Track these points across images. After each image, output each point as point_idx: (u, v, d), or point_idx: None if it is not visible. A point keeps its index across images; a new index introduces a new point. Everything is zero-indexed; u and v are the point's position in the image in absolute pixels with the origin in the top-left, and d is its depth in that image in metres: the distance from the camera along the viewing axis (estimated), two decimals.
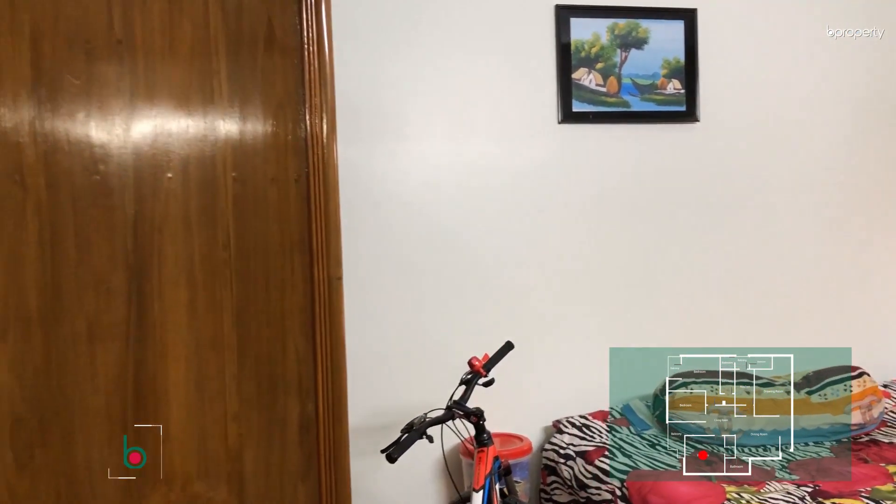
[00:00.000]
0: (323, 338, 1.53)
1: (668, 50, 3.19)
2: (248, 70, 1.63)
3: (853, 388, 2.90)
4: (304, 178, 1.53)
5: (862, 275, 3.44)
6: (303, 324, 1.58)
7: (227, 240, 1.52)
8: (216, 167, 1.66)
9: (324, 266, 1.53)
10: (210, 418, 1.83)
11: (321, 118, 1.49)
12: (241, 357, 1.74)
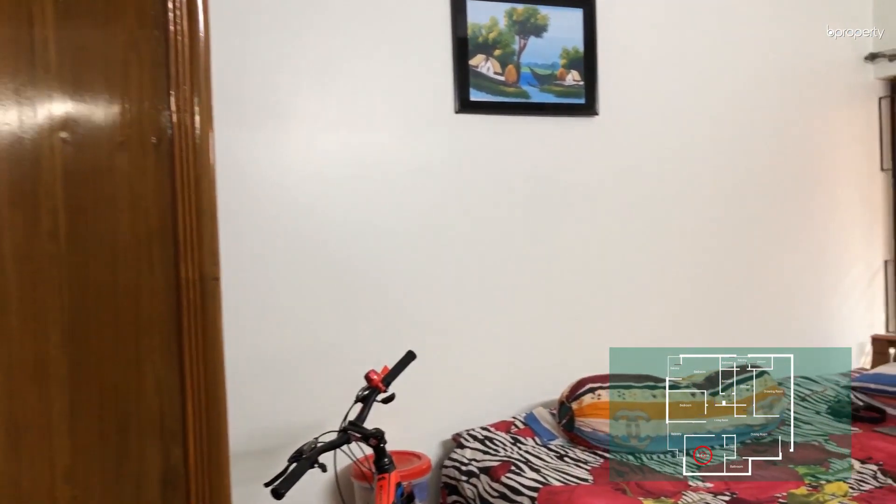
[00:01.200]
0: (194, 359, 1.08)
1: (567, 39, 3.04)
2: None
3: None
4: (167, 142, 1.10)
5: (759, 269, 3.43)
6: (165, 341, 1.09)
7: (54, 227, 1.07)
8: (38, 123, 1.16)
9: (195, 263, 1.08)
10: (28, 478, 1.24)
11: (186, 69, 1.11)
12: (75, 389, 1.21)
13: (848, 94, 3.64)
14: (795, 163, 3.50)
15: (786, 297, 3.49)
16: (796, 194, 3.50)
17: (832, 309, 3.60)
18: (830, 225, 3.59)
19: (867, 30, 3.67)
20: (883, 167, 3.72)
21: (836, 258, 3.61)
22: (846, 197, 3.63)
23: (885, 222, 3.73)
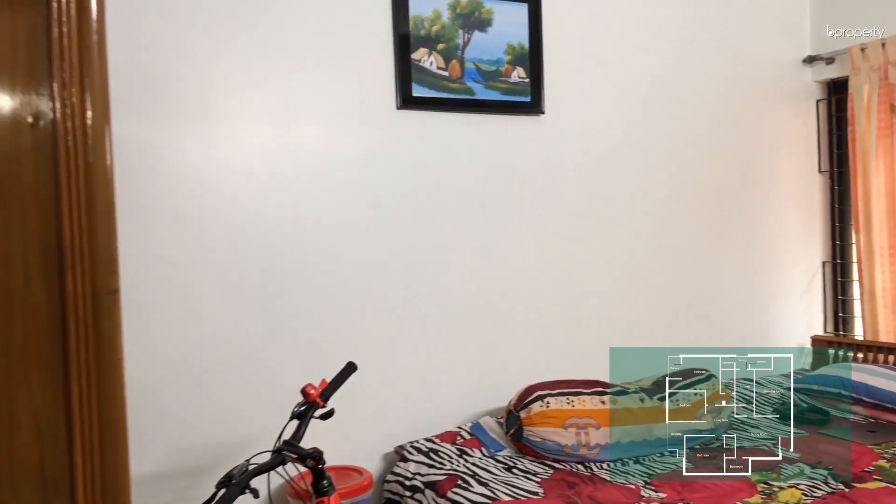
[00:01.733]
0: (84, 390, 0.83)
1: (512, 35, 2.94)
2: None
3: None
4: (48, 125, 0.86)
5: (701, 270, 3.40)
6: (46, 369, 0.81)
7: None
8: None
9: (85, 273, 0.83)
10: None
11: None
12: None
13: (787, 96, 3.66)
14: (737, 164, 3.50)
15: (728, 298, 3.48)
16: (738, 195, 3.50)
17: (773, 310, 3.61)
18: (771, 226, 3.60)
19: (805, 33, 3.71)
20: (820, 169, 3.75)
21: (776, 259, 3.62)
22: (786, 199, 3.65)
23: (822, 224, 3.77)
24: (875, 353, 3.34)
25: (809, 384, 3.16)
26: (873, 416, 2.92)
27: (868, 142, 3.38)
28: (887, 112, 3.32)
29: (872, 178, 3.36)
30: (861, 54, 3.40)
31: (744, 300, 3.52)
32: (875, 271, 3.38)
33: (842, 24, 3.56)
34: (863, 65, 3.39)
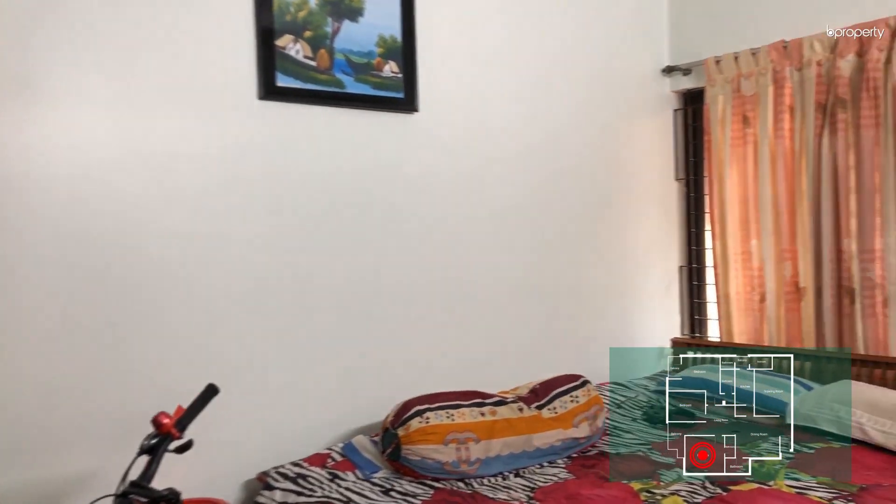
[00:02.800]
0: None
1: (385, 26, 2.77)
2: None
3: (580, 398, 2.76)
4: None
5: (567, 276, 3.39)
6: None
7: None
8: None
9: None
10: None
11: None
12: None
13: (647, 105, 3.74)
14: (600, 171, 3.52)
15: (593, 302, 3.49)
16: (601, 201, 3.52)
17: (636, 313, 3.67)
18: (633, 232, 3.66)
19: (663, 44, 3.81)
20: (677, 177, 3.87)
21: (638, 264, 3.68)
22: (646, 205, 3.73)
23: (679, 230, 3.89)
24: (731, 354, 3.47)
25: (675, 387, 3.21)
26: (735, 415, 3.00)
27: (723, 151, 3.51)
28: (741, 123, 3.46)
29: (727, 187, 3.50)
30: (716, 66, 3.53)
31: (608, 304, 3.55)
32: (730, 275, 3.52)
33: (698, 37, 3.69)
34: (718, 77, 3.53)
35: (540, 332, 3.25)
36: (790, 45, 3.27)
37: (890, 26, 2.94)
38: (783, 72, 3.29)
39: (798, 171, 3.26)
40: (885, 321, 3.00)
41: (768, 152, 3.34)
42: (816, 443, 2.64)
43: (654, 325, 3.75)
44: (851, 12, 3.11)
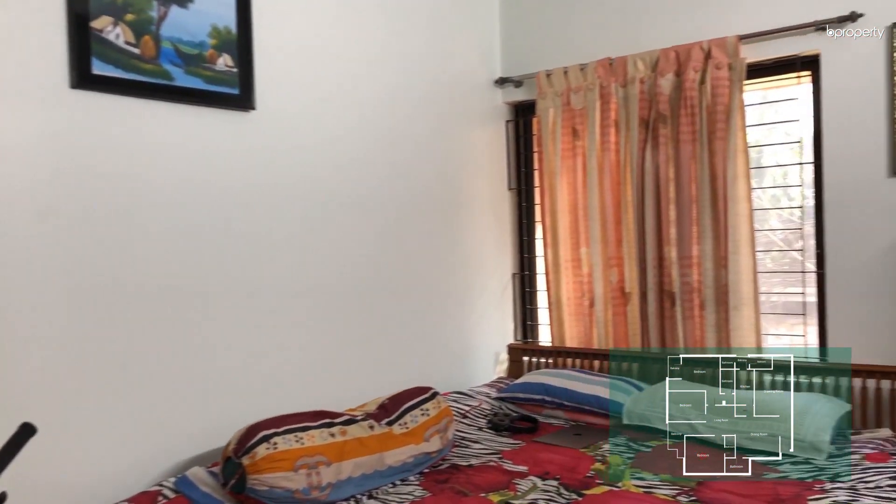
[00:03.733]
0: None
1: (218, 16, 2.54)
2: None
3: (430, 411, 2.68)
4: None
5: (407, 285, 3.31)
6: None
7: None
8: None
9: None
10: None
11: None
12: None
13: (481, 115, 3.78)
14: (437, 180, 3.48)
15: (431, 310, 3.44)
16: (437, 211, 3.48)
17: (474, 320, 3.68)
18: (470, 240, 3.67)
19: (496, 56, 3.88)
20: (510, 186, 3.94)
21: (474, 272, 3.70)
22: (481, 214, 3.76)
23: (512, 238, 3.96)
24: (564, 358, 3.58)
25: (514, 392, 3.25)
26: (574, 419, 3.09)
27: (554, 162, 3.62)
28: (570, 135, 3.59)
29: (558, 196, 3.61)
30: (547, 80, 3.64)
31: (447, 312, 3.53)
32: (561, 282, 3.63)
33: (530, 51, 3.79)
34: (548, 90, 3.64)
35: (379, 343, 3.14)
36: (615, 63, 3.44)
37: (703, 49, 3.18)
38: (609, 88, 3.45)
39: (623, 182, 3.44)
40: (702, 322, 3.23)
41: (596, 164, 3.49)
42: (652, 441, 2.77)
43: (490, 332, 3.79)
44: (671, 34, 3.33)
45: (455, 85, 3.60)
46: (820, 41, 3.00)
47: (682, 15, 3.32)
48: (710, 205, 3.19)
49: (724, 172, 3.12)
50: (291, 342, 2.75)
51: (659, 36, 3.37)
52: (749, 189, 3.11)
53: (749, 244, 3.11)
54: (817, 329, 3.09)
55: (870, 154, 2.91)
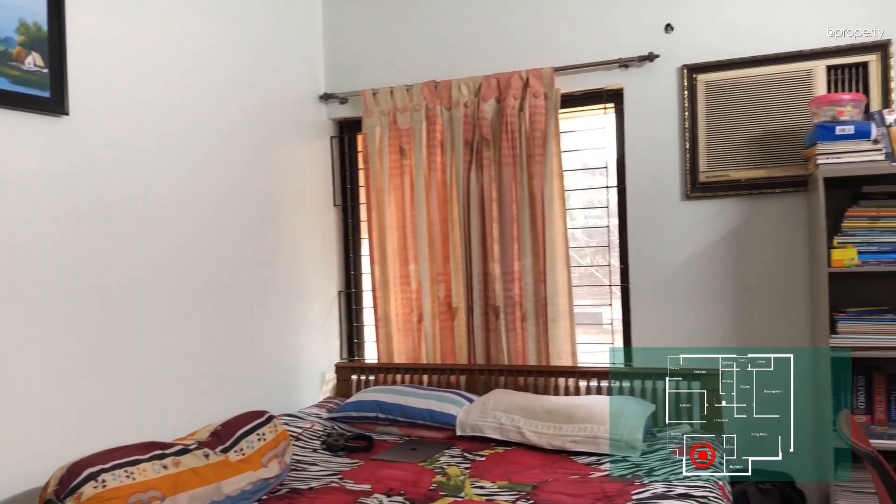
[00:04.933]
0: None
1: (27, 10, 2.29)
2: None
3: (267, 435, 2.58)
4: None
5: (232, 303, 3.17)
6: None
7: None
8: None
9: None
10: None
11: None
12: None
13: (306, 131, 3.73)
14: (263, 196, 3.36)
15: (258, 331, 3.30)
16: (264, 228, 3.36)
17: (301, 340, 3.60)
18: (295, 258, 3.59)
19: (320, 72, 3.86)
20: (335, 203, 3.92)
21: (301, 290, 3.62)
22: (307, 231, 3.69)
23: (337, 256, 3.93)
24: (393, 375, 3.61)
25: (347, 411, 3.22)
26: (408, 434, 3.12)
27: (381, 180, 3.66)
28: (398, 154, 3.65)
29: (386, 214, 3.65)
30: (373, 98, 3.68)
31: (271, 332, 3.41)
32: (389, 299, 3.66)
33: (356, 68, 3.81)
34: (374, 108, 3.68)
35: (202, 367, 2.96)
36: (441, 86, 3.56)
37: (522, 78, 3.39)
38: (435, 109, 3.56)
39: (450, 201, 3.55)
40: (524, 334, 3.42)
41: (424, 183, 3.58)
42: (485, 450, 2.87)
43: (316, 351, 3.72)
44: (493, 62, 3.51)
45: (280, 98, 3.52)
46: (623, 76, 3.33)
47: (503, 44, 3.52)
48: (529, 224, 3.39)
49: (542, 194, 3.34)
50: (108, 369, 2.52)
51: (482, 62, 3.54)
52: (564, 210, 3.35)
53: (564, 261, 3.35)
54: (622, 337, 3.40)
55: (667, 179, 3.26)
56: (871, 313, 2.70)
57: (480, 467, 2.69)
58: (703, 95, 3.18)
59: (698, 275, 3.23)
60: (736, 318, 3.17)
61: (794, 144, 3.03)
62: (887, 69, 2.90)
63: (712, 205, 3.20)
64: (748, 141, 3.11)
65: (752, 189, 3.12)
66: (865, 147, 2.64)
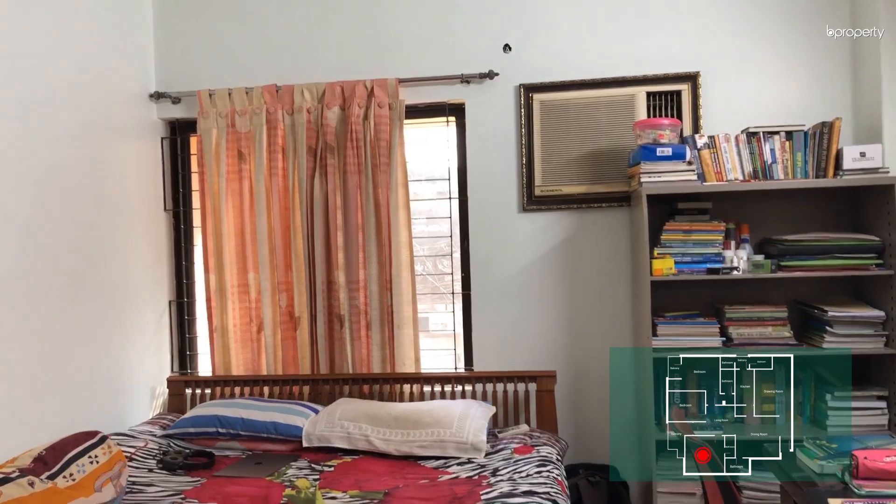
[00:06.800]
0: None
1: None
2: None
3: (100, 457, 2.40)
4: None
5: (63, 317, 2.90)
6: None
7: None
8: None
9: None
10: None
11: None
12: None
13: (134, 131, 3.50)
14: (86, 199, 3.10)
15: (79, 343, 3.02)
16: (87, 234, 3.10)
17: (128, 354, 3.36)
18: (122, 267, 3.34)
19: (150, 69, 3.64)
20: (166, 208, 3.71)
21: (128, 301, 3.38)
22: (135, 237, 3.46)
23: (168, 263, 3.72)
24: (231, 387, 3.47)
25: (185, 427, 3.05)
26: (251, 448, 3.02)
27: (218, 184, 3.52)
28: (236, 158, 3.53)
29: (224, 220, 3.51)
30: (209, 100, 3.53)
31: (97, 345, 3.14)
32: (227, 308, 3.52)
33: (191, 67, 3.64)
34: (211, 110, 3.53)
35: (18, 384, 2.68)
36: (282, 90, 3.49)
37: (367, 87, 3.41)
38: (276, 114, 3.49)
39: (293, 208, 3.49)
40: (369, 343, 3.43)
41: (264, 188, 3.48)
42: (333, 460, 2.85)
43: (146, 365, 3.49)
44: (337, 69, 3.51)
45: (105, 95, 3.26)
46: (465, 91, 3.45)
47: (347, 52, 3.53)
48: (374, 232, 3.42)
49: (387, 202, 3.38)
50: None
51: (326, 69, 3.52)
52: (409, 218, 3.41)
53: (409, 269, 3.41)
54: (463, 340, 3.52)
55: (504, 192, 3.43)
56: (685, 317, 3.01)
57: (330, 478, 2.66)
58: (538, 114, 3.38)
59: (534, 281, 3.42)
60: (568, 322, 3.39)
61: (619, 163, 3.31)
62: (696, 98, 3.25)
63: (546, 217, 3.41)
64: (579, 158, 3.34)
65: (582, 203, 3.36)
66: (681, 168, 2.94)
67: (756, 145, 2.99)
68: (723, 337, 2.94)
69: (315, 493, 2.50)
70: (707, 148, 3.02)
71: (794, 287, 3.13)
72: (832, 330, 2.84)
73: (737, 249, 2.99)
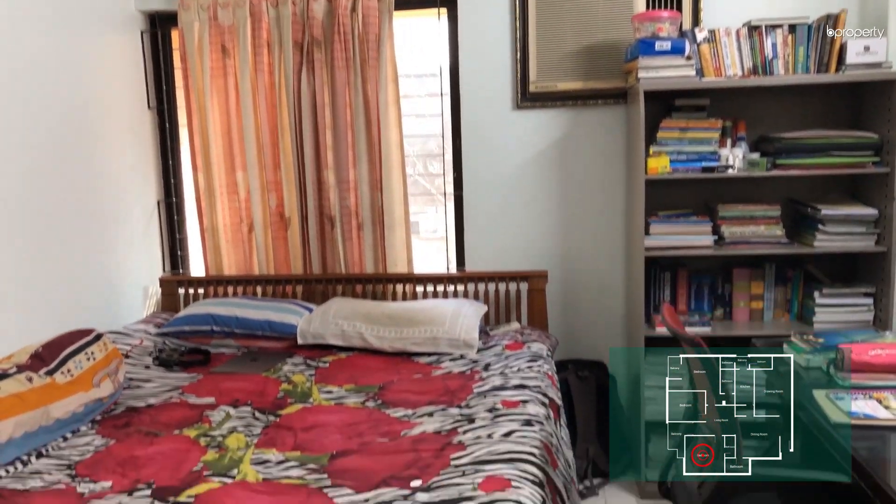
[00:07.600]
0: None
1: None
2: None
3: (96, 354, 2.42)
4: None
5: (40, 223, 2.86)
6: None
7: None
8: None
9: None
10: None
11: None
12: None
13: (111, 24, 3.34)
14: (64, 98, 2.99)
15: (69, 245, 2.99)
16: (68, 133, 3.00)
17: (119, 254, 3.34)
18: (106, 167, 3.27)
19: None
20: (150, 105, 3.60)
21: (115, 201, 3.32)
22: (118, 136, 3.37)
23: (155, 162, 3.65)
24: (224, 287, 3.48)
25: (179, 326, 3.08)
26: (246, 345, 3.06)
27: (202, 81, 3.41)
28: (220, 53, 3.40)
29: (209, 118, 3.42)
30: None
31: (87, 246, 3.12)
32: (216, 208, 3.48)
33: None
34: (192, 2, 3.38)
35: (8, 284, 2.67)
36: None
37: None
38: (260, 6, 3.34)
39: (279, 105, 3.40)
40: (361, 243, 3.42)
41: (249, 86, 3.37)
42: (327, 356, 2.89)
43: (137, 265, 3.48)
44: None
45: None
46: None
47: None
48: (364, 130, 3.34)
49: (376, 99, 3.29)
50: None
51: None
52: (399, 116, 3.33)
53: (400, 168, 3.35)
54: (455, 241, 3.51)
55: (499, 88, 3.34)
56: (679, 216, 3.01)
57: (325, 373, 2.71)
58: (533, 6, 3.25)
59: (527, 181, 3.38)
60: (561, 222, 3.38)
61: (615, 58, 3.21)
62: None
63: (541, 114, 3.33)
64: (575, 53, 3.24)
65: (577, 100, 3.28)
66: (679, 63, 2.85)
67: (757, 39, 2.90)
68: (715, 235, 2.95)
69: (312, 388, 2.54)
70: (707, 42, 2.92)
71: (790, 186, 3.11)
72: (824, 228, 2.85)
73: (733, 147, 2.95)
